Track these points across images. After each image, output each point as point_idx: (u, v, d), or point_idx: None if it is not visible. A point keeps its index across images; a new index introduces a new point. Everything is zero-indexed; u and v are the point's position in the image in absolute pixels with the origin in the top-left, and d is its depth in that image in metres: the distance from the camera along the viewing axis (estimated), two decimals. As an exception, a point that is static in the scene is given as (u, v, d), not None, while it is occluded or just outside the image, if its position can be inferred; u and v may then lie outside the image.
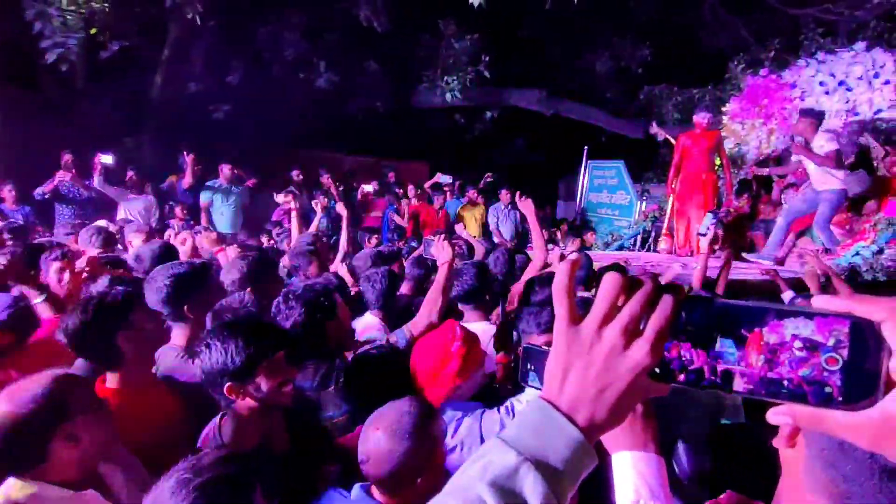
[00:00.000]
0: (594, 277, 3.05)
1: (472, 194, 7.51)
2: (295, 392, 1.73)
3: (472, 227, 7.14)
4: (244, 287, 2.25)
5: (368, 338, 2.22)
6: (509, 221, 7.13)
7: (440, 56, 8.89)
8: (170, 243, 2.99)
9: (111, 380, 1.55)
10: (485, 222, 7.33)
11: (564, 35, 9.79)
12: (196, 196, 6.29)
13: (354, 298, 2.72)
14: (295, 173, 7.30)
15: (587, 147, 9.33)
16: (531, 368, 0.89)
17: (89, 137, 6.29)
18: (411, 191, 7.61)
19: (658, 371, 0.46)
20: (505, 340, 2.12)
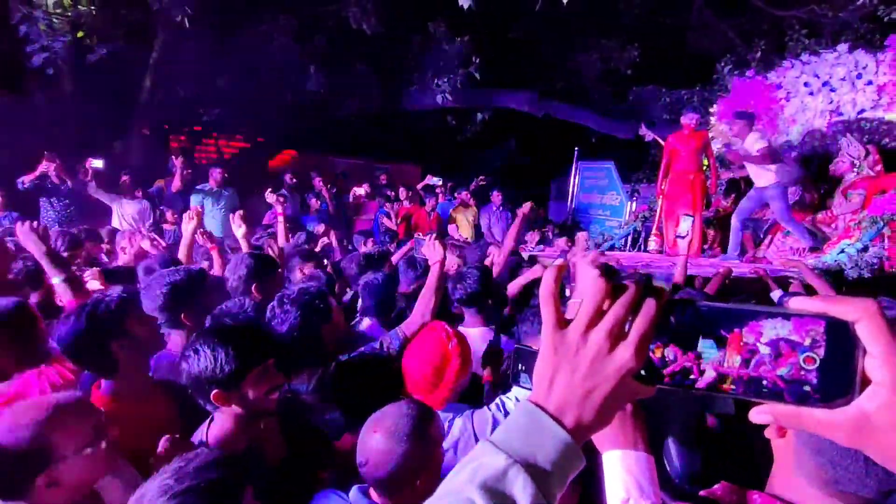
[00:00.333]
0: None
1: (465, 196, 7.51)
2: (290, 395, 1.74)
3: (465, 229, 7.15)
4: (249, 284, 2.25)
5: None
6: (501, 223, 7.14)
7: (431, 58, 8.89)
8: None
9: (106, 387, 1.54)
10: (477, 224, 7.34)
11: (554, 37, 9.82)
12: (186, 200, 6.24)
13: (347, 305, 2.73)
14: (287, 177, 7.27)
15: (577, 148, 9.38)
16: (522, 369, 0.91)
17: (76, 143, 6.21)
18: (403, 193, 7.60)
19: (643, 373, 0.47)
20: (492, 358, 2.05)
